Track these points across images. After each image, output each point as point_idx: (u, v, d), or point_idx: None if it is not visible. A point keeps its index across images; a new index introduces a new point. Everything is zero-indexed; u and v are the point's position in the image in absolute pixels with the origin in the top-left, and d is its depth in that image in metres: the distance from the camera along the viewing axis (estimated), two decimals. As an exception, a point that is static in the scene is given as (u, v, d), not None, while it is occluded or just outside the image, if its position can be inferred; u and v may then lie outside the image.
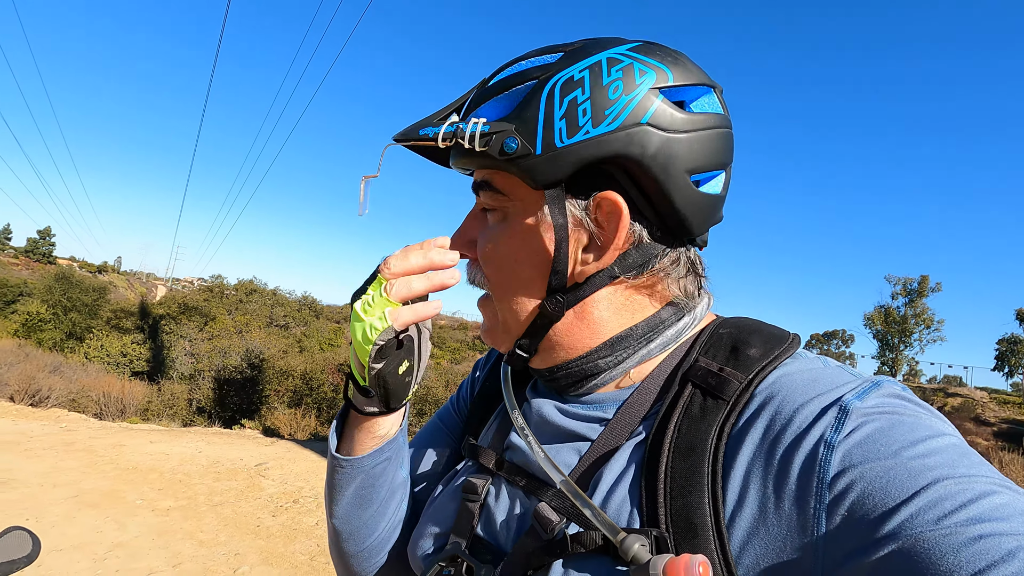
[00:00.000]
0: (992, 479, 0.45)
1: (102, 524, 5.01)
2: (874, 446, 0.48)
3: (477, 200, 0.67)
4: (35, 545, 0.66)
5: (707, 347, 0.63)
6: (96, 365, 19.17)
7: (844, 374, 0.57)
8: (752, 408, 0.55)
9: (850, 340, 51.89)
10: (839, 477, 0.47)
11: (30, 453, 7.02)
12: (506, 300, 0.65)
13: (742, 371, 0.58)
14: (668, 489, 0.53)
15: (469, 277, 0.68)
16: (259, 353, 18.80)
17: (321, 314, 36.83)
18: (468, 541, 0.64)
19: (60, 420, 9.66)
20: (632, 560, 0.50)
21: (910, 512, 0.43)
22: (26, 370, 12.85)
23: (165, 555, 4.52)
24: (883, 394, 0.53)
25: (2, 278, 41.62)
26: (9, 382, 12.04)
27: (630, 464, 0.58)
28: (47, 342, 23.88)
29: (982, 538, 0.40)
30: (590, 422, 0.64)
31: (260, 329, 26.21)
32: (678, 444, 0.55)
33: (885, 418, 0.50)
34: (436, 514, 0.70)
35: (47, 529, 4.73)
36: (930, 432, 0.49)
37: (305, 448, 8.93)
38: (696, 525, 0.50)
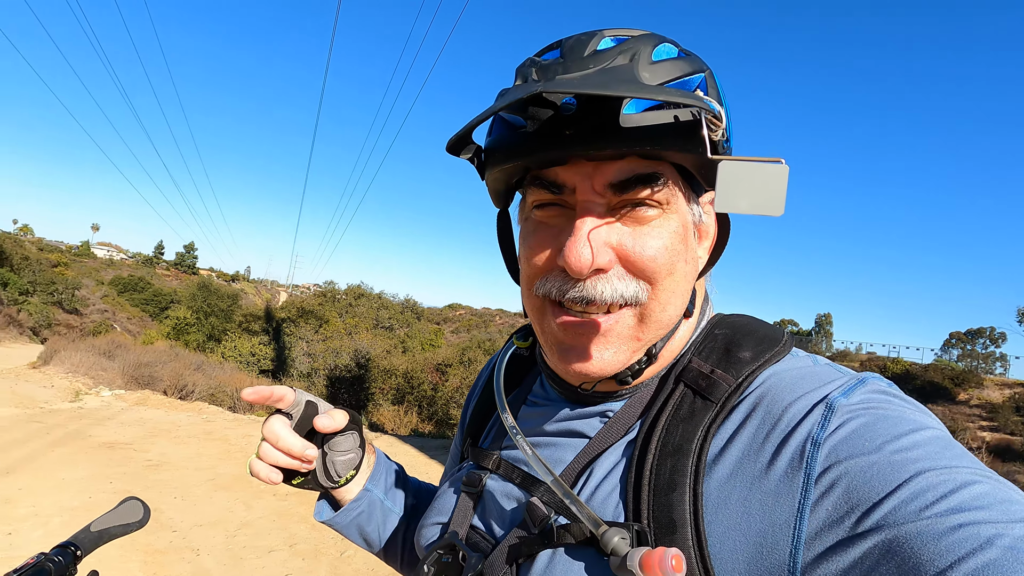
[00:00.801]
0: (974, 469, 0.45)
1: (233, 504, 5.66)
2: (859, 441, 0.48)
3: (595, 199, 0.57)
4: (146, 512, 0.82)
5: (701, 348, 0.64)
6: (231, 364, 21.56)
7: (832, 372, 0.58)
8: (742, 409, 0.57)
9: (1000, 339, 45.24)
10: (825, 473, 0.48)
11: (178, 440, 8.09)
12: (668, 307, 0.60)
13: (732, 374, 0.59)
14: (652, 486, 0.55)
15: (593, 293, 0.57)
16: (366, 353, 20.13)
17: (422, 316, 38.67)
18: (465, 531, 0.69)
19: (202, 412, 10.99)
20: (612, 552, 0.53)
21: (893, 504, 0.43)
22: (175, 368, 14.77)
23: (283, 535, 5.02)
24: (869, 390, 0.54)
25: (157, 288, 48.07)
26: (163, 378, 13.93)
27: (620, 461, 0.60)
28: (192, 343, 27.21)
29: (962, 527, 0.40)
30: (592, 418, 0.66)
31: (367, 331, 28.03)
32: (665, 444, 0.57)
33: (870, 413, 0.51)
34: (439, 505, 0.76)
35: (190, 507, 5.45)
36: (913, 426, 0.49)
37: (406, 443, 9.47)
38: (676, 521, 0.53)
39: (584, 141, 0.53)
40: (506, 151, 0.59)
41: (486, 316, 51.79)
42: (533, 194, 0.60)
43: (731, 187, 0.51)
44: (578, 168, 0.56)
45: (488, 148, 0.63)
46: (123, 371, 14.01)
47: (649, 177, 0.56)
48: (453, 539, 0.67)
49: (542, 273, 0.61)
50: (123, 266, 66.96)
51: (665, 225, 0.58)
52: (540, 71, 0.57)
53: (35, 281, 33.59)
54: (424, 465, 7.96)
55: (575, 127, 0.53)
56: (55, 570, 0.69)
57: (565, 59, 0.56)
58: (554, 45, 0.60)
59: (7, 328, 25.72)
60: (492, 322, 47.66)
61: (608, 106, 0.52)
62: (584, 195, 0.57)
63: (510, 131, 0.59)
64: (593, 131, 0.53)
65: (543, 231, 0.61)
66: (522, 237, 0.65)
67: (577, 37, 0.58)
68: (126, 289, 45.86)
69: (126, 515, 0.80)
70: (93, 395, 11.44)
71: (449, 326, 44.63)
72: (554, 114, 0.54)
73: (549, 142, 0.55)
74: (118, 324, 35.28)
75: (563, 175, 0.57)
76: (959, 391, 28.43)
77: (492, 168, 0.62)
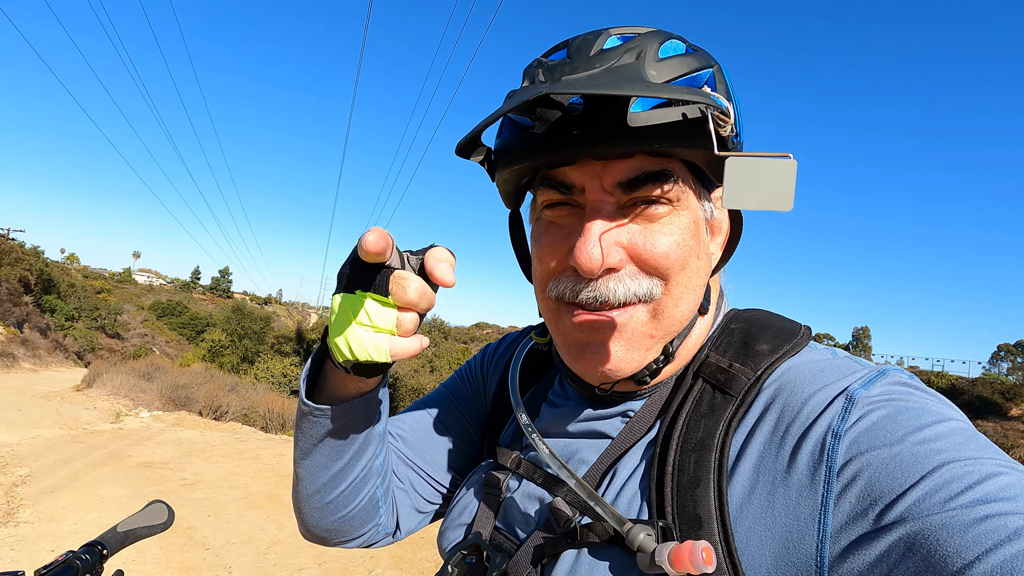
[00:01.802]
0: (998, 460, 0.44)
1: (265, 523, 5.73)
2: (880, 433, 0.48)
3: (605, 198, 0.57)
4: (170, 515, 0.85)
5: (718, 342, 0.64)
6: (263, 384, 22.00)
7: (851, 364, 0.57)
8: (761, 402, 0.56)
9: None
10: (847, 466, 0.47)
11: (212, 459, 8.25)
12: (681, 303, 0.60)
13: (751, 367, 0.59)
14: (675, 483, 0.55)
15: (606, 292, 0.57)
16: (394, 373, 20.28)
17: (449, 335, 38.94)
18: (489, 532, 0.68)
19: (235, 432, 11.21)
20: (639, 548, 0.53)
21: (917, 496, 0.43)
22: (210, 389, 15.12)
23: (313, 554, 5.05)
24: (889, 382, 0.54)
25: (194, 312, 49.57)
26: (198, 399, 14.26)
27: (643, 459, 0.60)
28: (226, 365, 27.90)
29: (988, 518, 0.39)
30: (613, 418, 0.66)
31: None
32: (686, 439, 0.57)
33: (891, 405, 0.50)
34: (460, 506, 0.75)
35: (222, 524, 5.54)
36: (935, 417, 0.48)
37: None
38: (701, 517, 0.52)
39: (592, 141, 0.53)
40: (515, 152, 0.59)
41: (513, 334, 51.72)
42: (543, 194, 0.60)
43: (739, 183, 0.50)
44: (587, 168, 0.56)
45: (498, 150, 0.62)
46: (161, 393, 14.43)
47: (658, 175, 0.55)
48: (477, 540, 0.67)
49: (555, 274, 0.61)
50: (162, 291, 69.39)
51: (676, 222, 0.58)
52: (547, 72, 0.57)
53: (80, 307, 35.07)
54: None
55: (582, 127, 0.53)
56: (82, 567, 0.71)
57: (572, 59, 0.56)
58: (561, 45, 0.60)
59: (54, 353, 26.81)
60: (519, 340, 47.58)
61: (615, 105, 0.52)
62: (593, 195, 0.56)
63: (519, 132, 0.58)
64: (601, 130, 0.53)
65: (554, 231, 0.61)
66: (534, 238, 0.64)
67: (583, 37, 0.58)
68: (164, 313, 47.45)
69: (151, 517, 0.83)
70: (133, 416, 11.79)
71: (476, 345, 44.69)
72: (562, 115, 0.54)
73: (557, 143, 0.54)
74: (157, 347, 36.45)
75: (572, 175, 0.57)
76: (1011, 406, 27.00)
77: (502, 169, 0.62)
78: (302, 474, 0.72)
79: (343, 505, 0.74)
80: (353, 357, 0.56)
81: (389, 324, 0.56)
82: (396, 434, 0.84)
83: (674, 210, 0.58)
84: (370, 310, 0.56)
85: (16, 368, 21.48)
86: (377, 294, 0.56)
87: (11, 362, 21.62)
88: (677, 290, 0.59)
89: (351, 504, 0.74)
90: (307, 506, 0.74)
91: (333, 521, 0.75)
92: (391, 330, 0.56)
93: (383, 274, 0.55)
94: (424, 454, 0.83)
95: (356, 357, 0.56)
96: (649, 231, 0.57)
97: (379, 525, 0.79)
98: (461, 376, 0.92)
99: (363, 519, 0.77)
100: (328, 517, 0.75)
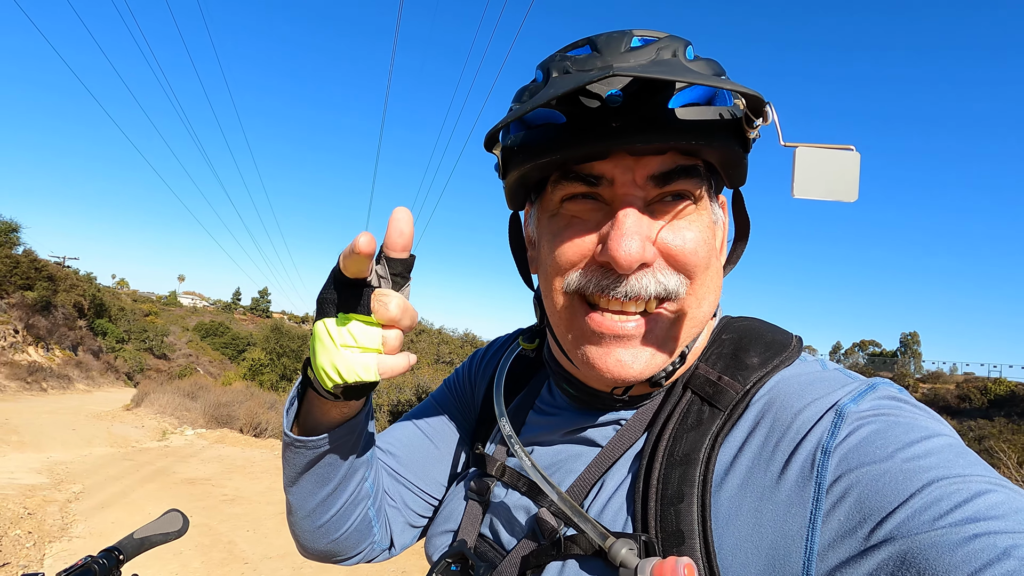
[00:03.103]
0: (987, 478, 0.44)
1: (300, 538, 5.84)
2: (870, 449, 0.47)
3: (636, 192, 0.56)
4: (184, 523, 0.90)
5: (708, 353, 0.63)
6: (301, 402, 22.39)
7: (841, 377, 0.57)
8: (750, 417, 0.56)
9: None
10: (837, 482, 0.47)
11: (252, 476, 8.46)
12: (703, 303, 0.59)
13: (739, 380, 0.58)
14: (659, 497, 0.54)
15: (637, 288, 0.55)
16: (427, 388, 20.41)
17: (481, 349, 38.95)
18: (474, 540, 0.68)
19: (274, 448, 11.46)
20: (621, 564, 0.52)
21: (906, 514, 0.42)
22: (251, 407, 15.53)
23: (346, 569, 5.11)
24: (879, 396, 0.53)
25: (235, 332, 51.17)
26: (239, 416, 14.68)
27: (630, 471, 0.60)
28: (266, 383, 28.59)
29: (978, 537, 0.39)
30: (603, 427, 0.66)
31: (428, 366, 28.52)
32: (672, 453, 0.56)
33: (880, 420, 0.50)
34: (447, 512, 0.76)
35: (261, 539, 5.66)
36: (925, 433, 0.48)
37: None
38: (683, 532, 0.52)
39: (631, 132, 0.52)
40: (545, 145, 0.56)
41: (546, 347, 51.32)
42: (564, 188, 0.58)
43: (808, 173, 0.51)
44: (619, 160, 0.55)
45: (517, 145, 0.59)
46: (204, 411, 14.94)
47: (691, 169, 0.55)
48: (462, 548, 0.67)
49: (575, 268, 0.58)
50: (205, 312, 71.96)
51: (699, 219, 0.58)
52: (578, 64, 0.55)
53: (130, 330, 36.67)
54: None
55: (622, 119, 0.52)
56: (100, 572, 0.76)
57: (603, 53, 0.55)
58: (581, 42, 0.58)
59: (106, 374, 28.07)
60: (552, 353, 47.17)
61: (656, 99, 0.52)
62: (624, 188, 0.55)
63: (542, 124, 0.57)
64: (641, 122, 0.52)
65: (577, 225, 0.58)
66: (550, 232, 0.61)
67: (608, 34, 0.57)
68: (208, 334, 49.16)
69: (166, 525, 0.88)
70: (178, 434, 12.22)
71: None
72: (600, 106, 0.53)
73: (593, 134, 0.53)
74: (201, 367, 37.75)
75: (601, 167, 0.55)
76: (1078, 412, 25.26)
77: (523, 164, 0.59)
78: (292, 500, 0.74)
79: (335, 528, 0.75)
80: (342, 380, 0.56)
81: (375, 343, 0.56)
82: (386, 450, 0.85)
83: (697, 208, 0.58)
84: (354, 331, 0.56)
85: (71, 389, 22.58)
86: (360, 314, 0.56)
87: (67, 383, 22.75)
88: (701, 290, 0.58)
89: (343, 527, 0.75)
90: (300, 529, 0.76)
91: (327, 543, 0.77)
92: (378, 349, 0.56)
93: (364, 293, 0.56)
94: (415, 469, 0.83)
95: (345, 380, 0.55)
96: (676, 227, 0.56)
97: (373, 544, 0.81)
98: (449, 386, 0.92)
99: (357, 539, 0.78)
100: (322, 539, 0.76)
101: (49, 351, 25.28)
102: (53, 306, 27.05)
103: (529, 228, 0.70)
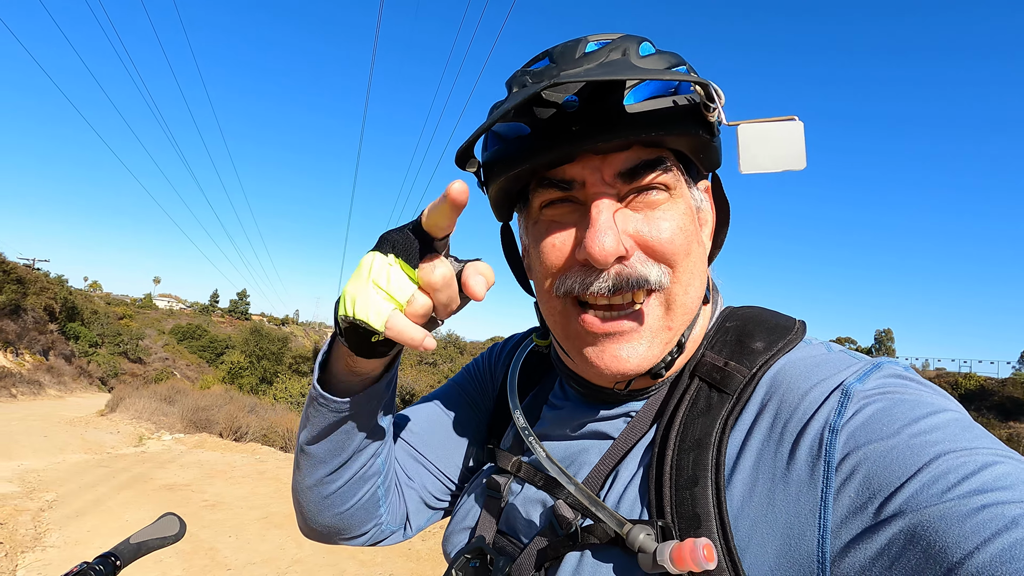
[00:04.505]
0: (994, 450, 0.45)
1: (285, 542, 5.74)
2: (876, 426, 0.48)
3: (606, 190, 0.57)
4: (181, 527, 0.87)
5: (713, 341, 0.65)
6: (282, 404, 22.13)
7: (847, 358, 0.58)
8: (757, 400, 0.57)
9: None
10: (845, 460, 0.48)
11: (233, 480, 8.31)
12: (687, 290, 0.60)
13: (746, 365, 0.60)
14: (674, 482, 0.55)
15: (617, 282, 0.57)
16: (411, 389, 20.33)
17: (465, 350, 38.92)
18: (492, 535, 0.69)
19: (255, 453, 11.28)
20: (639, 549, 0.53)
21: (914, 488, 0.43)
22: (230, 411, 15.27)
23: (333, 572, 5.05)
24: (884, 375, 0.54)
25: (213, 335, 50.30)
26: (218, 421, 14.41)
27: (643, 460, 0.61)
28: (246, 386, 28.20)
29: (986, 507, 0.39)
30: (615, 419, 0.66)
31: (411, 367, 28.38)
32: (683, 439, 0.57)
33: (886, 398, 0.50)
34: (464, 510, 0.76)
35: (243, 545, 5.57)
36: (931, 408, 0.49)
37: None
38: (700, 515, 0.52)
39: (592, 134, 0.54)
40: (514, 156, 0.59)
41: (529, 348, 51.38)
42: (541, 195, 0.61)
43: (752, 148, 0.54)
44: (586, 162, 0.57)
45: (491, 159, 0.63)
46: (182, 416, 14.61)
47: (654, 162, 0.57)
48: (480, 544, 0.67)
49: (561, 271, 0.60)
50: (182, 315, 70.58)
51: (674, 208, 0.59)
52: (535, 77, 0.58)
53: (103, 333, 35.79)
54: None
55: (581, 122, 0.55)
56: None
57: (558, 63, 0.58)
58: (541, 55, 0.62)
59: (79, 379, 27.35)
60: (535, 353, 47.26)
61: (610, 98, 0.54)
62: (595, 187, 0.57)
63: (513, 137, 0.60)
64: (599, 123, 0.54)
65: (556, 228, 0.61)
66: (534, 239, 0.64)
67: (564, 44, 0.60)
68: (185, 337, 48.22)
69: (163, 529, 0.86)
70: (155, 439, 11.95)
71: (492, 359, 44.54)
72: (557, 112, 0.55)
73: (556, 140, 0.56)
74: (178, 371, 37.01)
75: (571, 171, 0.58)
76: (1044, 406, 26.13)
77: (498, 177, 0.62)
78: (303, 464, 0.74)
79: (341, 502, 0.75)
80: (352, 314, 0.56)
81: (402, 296, 0.56)
82: (406, 427, 0.85)
83: (671, 197, 0.59)
84: (392, 275, 0.56)
85: (42, 395, 21.93)
86: (407, 263, 0.56)
87: (37, 389, 22.09)
88: (685, 276, 0.59)
89: (349, 501, 0.75)
90: (305, 499, 0.76)
91: (331, 517, 0.76)
92: (401, 304, 0.56)
93: (424, 247, 0.56)
94: (434, 449, 0.84)
95: (354, 314, 0.55)
96: (651, 218, 0.58)
97: (380, 525, 0.80)
98: (469, 372, 0.92)
99: (363, 517, 0.78)
100: (326, 512, 0.76)
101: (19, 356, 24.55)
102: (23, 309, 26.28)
103: (522, 237, 0.72)
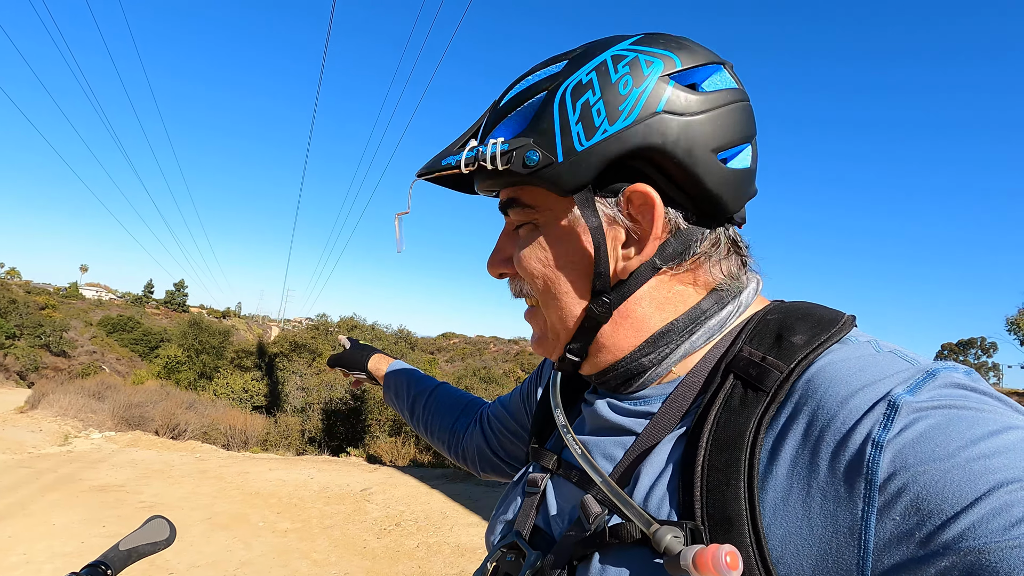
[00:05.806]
0: None
1: (231, 544, 5.51)
2: (929, 445, 0.43)
3: (508, 220, 0.70)
4: (172, 531, 0.81)
5: (752, 335, 0.61)
6: (223, 401, 21.20)
7: (897, 361, 0.52)
8: (792, 401, 0.53)
9: (991, 349, 45.58)
10: (890, 480, 0.43)
11: (172, 481, 7.90)
12: (553, 308, 0.66)
13: (784, 360, 0.55)
14: (704, 482, 0.53)
15: (514, 291, 0.71)
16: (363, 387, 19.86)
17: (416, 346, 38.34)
18: (528, 530, 0.69)
19: (195, 451, 10.76)
20: (665, 551, 0.51)
21: (971, 520, 0.39)
22: (167, 407, 14.50)
23: (284, 573, 4.88)
24: (940, 384, 0.48)
25: (147, 327, 47.53)
26: (154, 418, 13.67)
27: (671, 458, 0.59)
28: (183, 382, 26.79)
29: None
30: (637, 417, 0.65)
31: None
32: (716, 437, 0.54)
33: (941, 413, 0.45)
34: (505, 505, 0.77)
35: (187, 548, 5.30)
36: (994, 427, 0.43)
37: (405, 474, 9.29)
38: (731, 518, 0.50)
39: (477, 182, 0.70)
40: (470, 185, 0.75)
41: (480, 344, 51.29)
42: None
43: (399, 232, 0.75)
44: None
45: None
46: (113, 412, 13.71)
47: (509, 202, 0.67)
48: (515, 538, 0.69)
49: None
50: (112, 306, 66.25)
51: (533, 237, 0.67)
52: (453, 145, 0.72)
53: (22, 324, 33.16)
54: (425, 495, 7.81)
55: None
56: (88, 589, 0.67)
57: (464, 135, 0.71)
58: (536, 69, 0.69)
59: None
60: (487, 350, 47.25)
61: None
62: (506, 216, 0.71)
63: None
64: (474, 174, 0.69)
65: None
66: None
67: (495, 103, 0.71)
68: (115, 329, 45.28)
69: (153, 534, 0.79)
70: (83, 438, 11.18)
71: (443, 355, 44.20)
72: None
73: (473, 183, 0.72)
74: (107, 365, 34.72)
75: None
76: (955, 401, 28.38)
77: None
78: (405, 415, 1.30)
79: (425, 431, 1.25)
80: None
81: None
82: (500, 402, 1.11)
83: (536, 228, 0.66)
84: None
85: (-49, 390, 20.10)
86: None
87: (-55, 384, 20.23)
88: (544, 297, 0.68)
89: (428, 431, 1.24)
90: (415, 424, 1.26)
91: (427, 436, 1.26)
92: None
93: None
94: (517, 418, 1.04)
95: None
96: (520, 245, 0.68)
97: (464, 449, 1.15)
98: (534, 372, 1.04)
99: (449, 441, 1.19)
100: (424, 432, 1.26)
101: (-78, 348, 22.35)
102: (-72, 297, 23.94)
103: None
